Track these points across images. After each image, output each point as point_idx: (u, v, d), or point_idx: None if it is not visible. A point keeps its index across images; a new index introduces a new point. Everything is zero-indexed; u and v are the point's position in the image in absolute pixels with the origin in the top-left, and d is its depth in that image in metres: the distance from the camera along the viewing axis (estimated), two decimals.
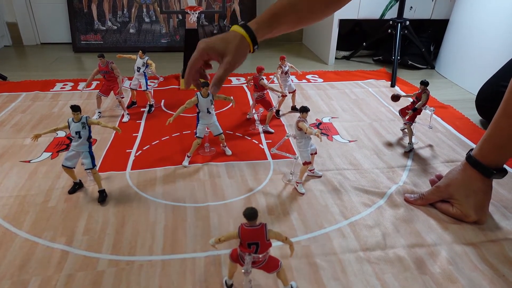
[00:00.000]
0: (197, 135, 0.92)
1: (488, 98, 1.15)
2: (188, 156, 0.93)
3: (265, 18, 0.74)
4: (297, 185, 0.83)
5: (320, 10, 0.78)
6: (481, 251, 0.68)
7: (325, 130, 1.11)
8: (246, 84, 1.14)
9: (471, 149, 0.76)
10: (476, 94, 1.22)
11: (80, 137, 0.76)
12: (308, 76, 1.58)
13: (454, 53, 1.60)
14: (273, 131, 1.10)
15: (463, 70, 1.53)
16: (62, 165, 0.78)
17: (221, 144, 0.97)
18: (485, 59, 1.40)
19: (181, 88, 1.41)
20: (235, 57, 0.70)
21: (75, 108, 0.74)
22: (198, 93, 0.88)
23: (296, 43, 2.19)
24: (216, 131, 0.93)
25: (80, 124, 0.75)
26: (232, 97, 0.94)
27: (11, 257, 0.64)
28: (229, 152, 0.97)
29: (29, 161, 0.92)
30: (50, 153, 0.96)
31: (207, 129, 0.94)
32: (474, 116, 1.22)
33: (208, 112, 0.90)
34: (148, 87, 1.20)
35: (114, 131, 1.05)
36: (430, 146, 1.04)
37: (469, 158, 0.74)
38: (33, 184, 0.84)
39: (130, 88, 1.21)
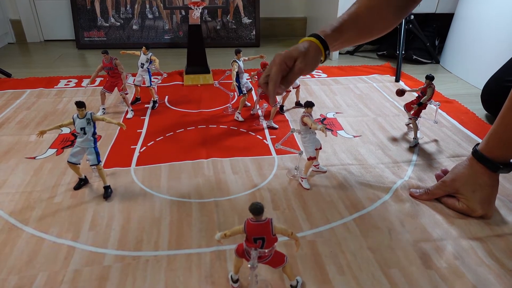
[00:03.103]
0: (244, 92, 1.12)
1: (493, 93, 1.15)
2: (239, 112, 1.13)
3: (330, 28, 0.78)
4: (302, 181, 0.83)
5: (377, 27, 0.83)
6: (488, 245, 0.67)
7: (330, 125, 1.11)
8: (250, 80, 1.15)
9: (477, 144, 0.75)
10: (481, 88, 1.21)
11: (85, 133, 0.76)
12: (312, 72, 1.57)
13: (459, 48, 1.59)
14: (277, 126, 1.09)
15: (468, 64, 1.52)
16: (67, 161, 0.78)
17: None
18: (490, 53, 1.39)
19: (185, 84, 1.41)
20: (305, 61, 0.75)
21: (80, 104, 0.74)
22: (236, 59, 1.08)
23: (300, 38, 2.18)
24: (248, 87, 1.15)
25: (85, 120, 0.75)
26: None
27: (18, 252, 0.65)
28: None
29: (34, 158, 0.93)
30: (55, 150, 0.96)
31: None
32: (479, 111, 1.21)
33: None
34: (152, 83, 1.19)
35: (119, 127, 1.05)
36: (436, 141, 1.03)
37: (475, 152, 0.74)
38: (38, 181, 0.84)
39: (134, 84, 1.21)
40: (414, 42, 1.75)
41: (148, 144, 1.00)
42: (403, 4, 0.81)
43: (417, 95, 1.02)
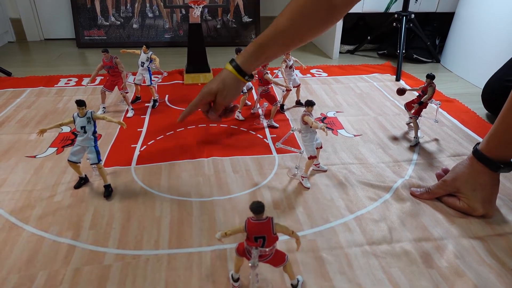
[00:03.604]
0: (244, 91, 1.12)
1: (494, 92, 1.14)
2: (239, 111, 1.14)
3: (250, 50, 0.79)
4: (303, 180, 0.83)
5: (305, 38, 0.82)
6: (488, 245, 0.67)
7: (330, 124, 1.11)
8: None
9: (478, 143, 0.75)
10: (482, 87, 1.21)
11: (85, 132, 0.76)
12: (313, 71, 1.57)
13: (459, 47, 1.58)
14: (277, 125, 1.09)
15: (468, 63, 1.52)
16: (68, 160, 0.78)
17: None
18: (491, 52, 1.38)
19: (185, 83, 1.41)
20: (223, 93, 0.79)
21: (80, 103, 0.74)
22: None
23: None
24: (248, 86, 1.17)
25: (86, 119, 0.75)
26: None
27: (18, 251, 0.65)
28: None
29: (34, 156, 0.93)
30: (56, 148, 0.96)
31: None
32: (480, 110, 1.21)
33: None
34: (152, 82, 1.19)
35: (119, 126, 1.05)
36: (436, 140, 1.03)
37: (476, 152, 0.74)
38: (39, 179, 0.84)
39: (134, 83, 1.21)
40: (415, 41, 1.75)
41: (149, 143, 1.00)
42: (329, 12, 0.77)
43: (417, 94, 1.02)
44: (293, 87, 1.19)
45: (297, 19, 0.77)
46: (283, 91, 1.17)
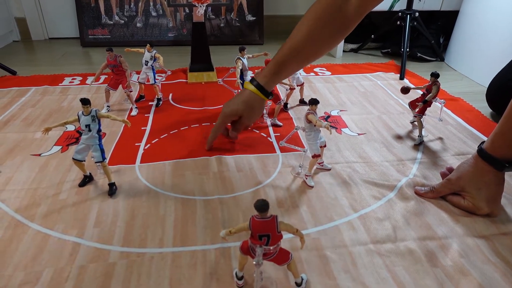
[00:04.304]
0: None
1: (498, 91, 1.14)
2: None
3: (272, 70, 0.84)
4: (306, 178, 0.83)
5: (321, 51, 0.87)
6: (493, 243, 0.67)
7: (334, 123, 1.11)
8: None
9: (482, 142, 0.75)
10: (486, 86, 1.21)
11: (90, 130, 0.76)
12: (316, 69, 1.57)
13: (464, 45, 1.58)
14: (281, 124, 1.09)
15: (473, 62, 1.51)
16: (73, 158, 0.78)
17: None
18: (495, 51, 1.38)
19: (189, 82, 1.41)
20: (249, 115, 0.87)
21: (85, 101, 0.74)
22: (240, 57, 1.08)
23: None
24: None
25: (90, 118, 0.76)
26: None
27: (24, 248, 0.65)
28: None
29: (39, 155, 0.93)
30: (60, 147, 0.97)
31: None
32: (484, 109, 1.20)
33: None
34: (156, 80, 1.20)
35: (123, 125, 1.06)
36: (440, 138, 1.03)
37: (481, 151, 0.73)
38: (44, 177, 0.84)
39: (138, 82, 1.21)
40: (419, 39, 1.74)
41: (153, 142, 1.00)
42: (343, 24, 0.81)
43: (422, 92, 1.01)
44: (297, 85, 1.18)
45: (313, 32, 0.81)
46: (286, 90, 1.17)
